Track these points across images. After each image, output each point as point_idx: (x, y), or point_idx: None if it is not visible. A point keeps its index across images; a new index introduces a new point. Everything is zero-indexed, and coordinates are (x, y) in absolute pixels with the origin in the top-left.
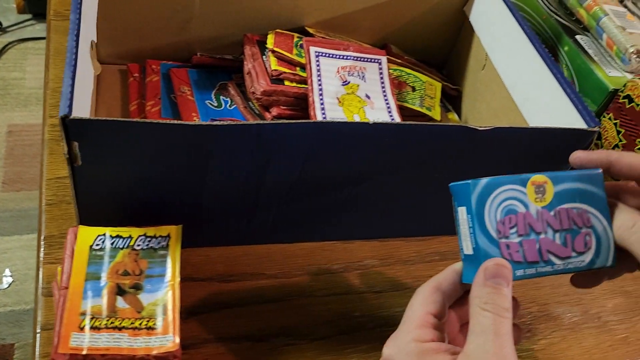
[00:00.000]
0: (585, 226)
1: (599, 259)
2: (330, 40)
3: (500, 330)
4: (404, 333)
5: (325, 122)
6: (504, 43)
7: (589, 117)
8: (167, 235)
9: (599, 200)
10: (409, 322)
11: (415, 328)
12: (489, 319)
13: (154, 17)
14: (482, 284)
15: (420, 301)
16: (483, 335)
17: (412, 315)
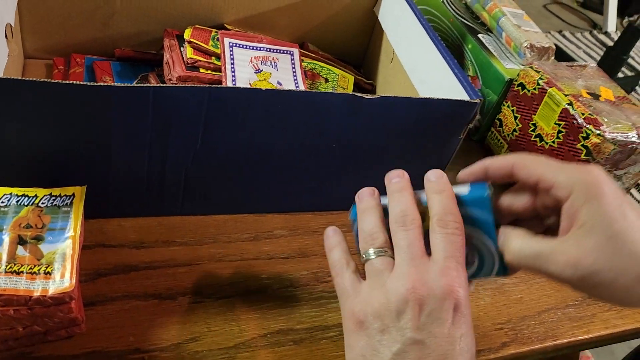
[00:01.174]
0: (467, 245)
1: (483, 271)
2: (244, 33)
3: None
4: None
5: (217, 87)
6: (406, 36)
7: (472, 93)
8: (72, 194)
9: (484, 223)
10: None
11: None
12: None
13: (77, 11)
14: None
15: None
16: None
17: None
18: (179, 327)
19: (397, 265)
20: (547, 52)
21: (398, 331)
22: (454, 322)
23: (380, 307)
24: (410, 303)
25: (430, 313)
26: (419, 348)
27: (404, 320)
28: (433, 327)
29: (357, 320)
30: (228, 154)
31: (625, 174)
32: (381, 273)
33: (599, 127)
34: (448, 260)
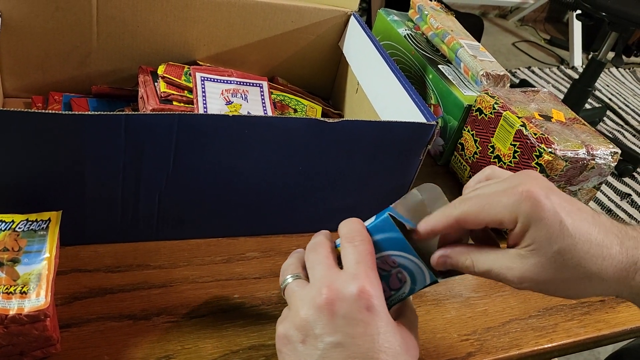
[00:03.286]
0: (392, 267)
1: (417, 284)
2: (215, 68)
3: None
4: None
5: (187, 114)
6: (369, 68)
7: (429, 116)
8: (48, 219)
9: (396, 241)
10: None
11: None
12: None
13: (55, 52)
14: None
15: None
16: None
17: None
18: (153, 345)
19: (310, 280)
20: (502, 79)
21: (316, 339)
22: (370, 322)
23: (298, 319)
24: (324, 309)
25: (344, 316)
26: (339, 351)
27: (320, 327)
28: (349, 329)
29: (283, 338)
30: (199, 178)
31: (579, 190)
32: (297, 290)
33: (551, 146)
34: (358, 265)
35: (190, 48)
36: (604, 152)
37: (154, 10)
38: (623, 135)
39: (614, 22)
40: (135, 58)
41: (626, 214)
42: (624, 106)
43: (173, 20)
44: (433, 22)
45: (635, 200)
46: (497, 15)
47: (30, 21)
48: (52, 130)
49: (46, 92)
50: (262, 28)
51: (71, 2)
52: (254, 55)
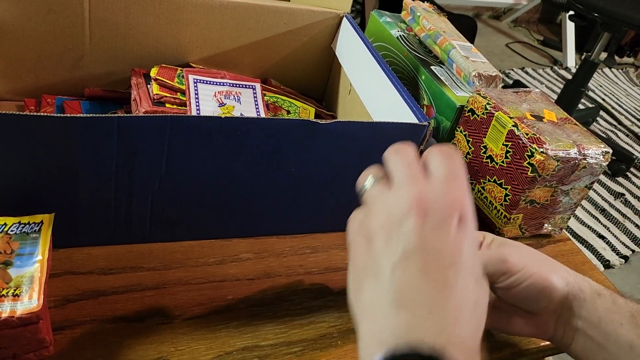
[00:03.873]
0: None
1: None
2: (208, 70)
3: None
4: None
5: (180, 116)
6: (361, 69)
7: (421, 117)
8: (40, 221)
9: None
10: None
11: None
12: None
13: (47, 55)
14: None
15: None
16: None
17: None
18: (146, 347)
19: (396, 183)
20: (494, 80)
21: (400, 239)
22: (459, 233)
23: (383, 219)
24: (414, 212)
25: (434, 222)
26: (422, 256)
27: (407, 228)
28: (437, 235)
29: (361, 236)
30: (192, 180)
31: (572, 189)
32: (380, 193)
33: (542, 146)
34: (451, 175)
35: (183, 50)
36: (596, 152)
37: (146, 13)
38: (616, 135)
39: (607, 23)
40: (127, 60)
41: (620, 214)
42: (617, 106)
43: (165, 23)
44: (425, 23)
45: (629, 199)
46: (491, 16)
47: (22, 24)
48: (44, 133)
49: (39, 94)
50: (255, 30)
51: (63, 5)
52: (247, 57)
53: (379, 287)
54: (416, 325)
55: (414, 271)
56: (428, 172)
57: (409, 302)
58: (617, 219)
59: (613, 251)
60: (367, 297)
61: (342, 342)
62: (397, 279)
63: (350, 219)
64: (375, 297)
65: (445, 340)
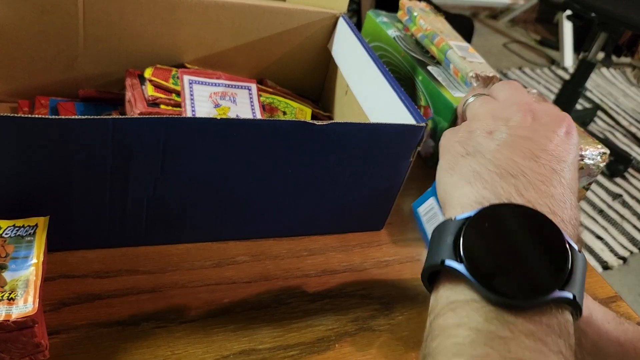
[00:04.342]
0: None
1: None
2: (203, 70)
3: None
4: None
5: (175, 118)
6: (358, 70)
7: (418, 118)
8: (35, 224)
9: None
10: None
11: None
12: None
13: (40, 55)
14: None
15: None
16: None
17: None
18: (142, 351)
19: (504, 97)
20: (491, 80)
21: (506, 130)
22: (566, 139)
23: (488, 119)
24: (523, 111)
25: (542, 124)
26: (528, 143)
27: (514, 122)
28: (544, 132)
29: (462, 136)
30: (188, 182)
31: None
32: (486, 103)
33: None
34: (558, 109)
35: (178, 51)
36: (593, 153)
37: (141, 13)
38: (614, 136)
39: (604, 23)
40: (122, 61)
41: (618, 215)
42: (615, 106)
43: (160, 23)
44: (422, 23)
45: (627, 200)
46: (488, 16)
47: (15, 25)
48: (39, 135)
49: (32, 96)
50: (251, 30)
51: (57, 6)
52: (243, 57)
53: (481, 159)
54: (521, 193)
55: (520, 153)
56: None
57: (514, 174)
58: (615, 220)
59: (611, 252)
60: (466, 169)
61: (340, 346)
62: (502, 155)
63: (444, 134)
64: (476, 167)
65: (549, 210)
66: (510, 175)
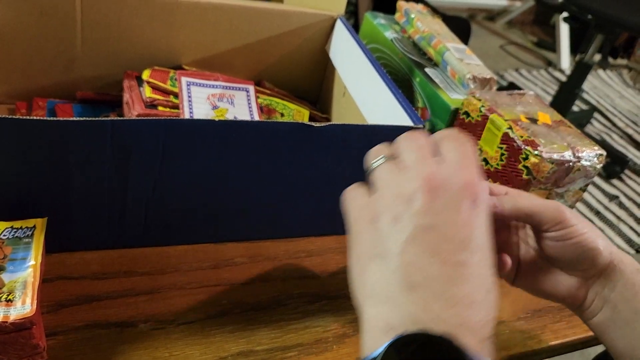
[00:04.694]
0: None
1: None
2: (201, 72)
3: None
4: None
5: (174, 119)
6: (355, 72)
7: (415, 119)
8: (33, 226)
9: None
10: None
11: None
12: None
13: (38, 57)
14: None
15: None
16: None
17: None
18: (140, 352)
19: (407, 164)
20: (488, 82)
21: (409, 218)
22: (472, 214)
23: (390, 198)
24: (424, 190)
25: (445, 201)
26: (432, 235)
27: (416, 206)
28: (448, 214)
29: (369, 216)
30: (186, 184)
31: (566, 192)
32: (389, 172)
33: (537, 148)
34: (465, 160)
35: (175, 53)
36: (590, 154)
37: (139, 15)
38: (610, 137)
39: (600, 25)
40: (120, 63)
41: (614, 216)
42: (611, 108)
43: (158, 25)
44: (420, 25)
45: (623, 202)
46: (485, 17)
47: (14, 26)
48: (38, 137)
49: (30, 97)
50: (248, 32)
51: (55, 8)
52: (240, 59)
53: (386, 269)
54: (426, 308)
55: (424, 251)
56: (440, 155)
57: (419, 284)
58: (612, 221)
59: None
60: (373, 279)
61: (338, 347)
62: (406, 260)
63: (349, 195)
64: (382, 279)
65: (456, 323)
66: (417, 286)
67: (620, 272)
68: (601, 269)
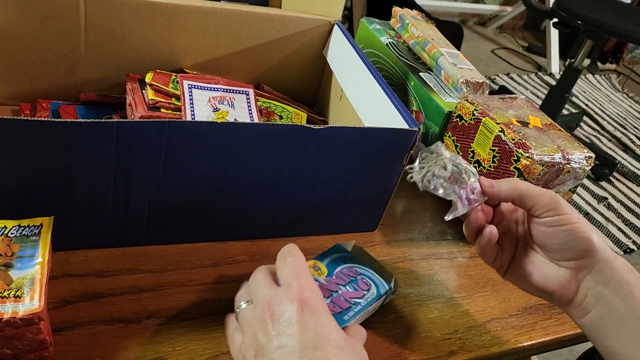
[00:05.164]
0: (356, 274)
1: (380, 288)
2: (202, 76)
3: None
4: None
5: (177, 121)
6: (352, 76)
7: (411, 122)
8: (40, 224)
9: (351, 258)
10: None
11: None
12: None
13: (42, 60)
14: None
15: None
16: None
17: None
18: (144, 348)
19: (255, 303)
20: (481, 86)
21: (264, 348)
22: (308, 319)
23: (248, 338)
24: (266, 320)
25: (284, 320)
26: (287, 351)
27: (265, 336)
28: (290, 329)
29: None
30: (189, 184)
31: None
32: (245, 314)
33: (528, 150)
34: (291, 274)
35: (177, 56)
36: (579, 157)
37: (141, 19)
38: (599, 140)
39: (589, 30)
40: (122, 66)
41: (603, 217)
42: (600, 112)
43: (160, 29)
44: (414, 30)
45: (612, 203)
46: (477, 23)
47: (18, 29)
48: (44, 138)
49: (34, 99)
50: (248, 37)
51: (59, 11)
52: (240, 63)
53: None
54: None
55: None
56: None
57: None
58: (601, 223)
59: None
60: None
61: None
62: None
63: (229, 340)
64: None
65: None
66: None
67: (613, 269)
68: (594, 262)
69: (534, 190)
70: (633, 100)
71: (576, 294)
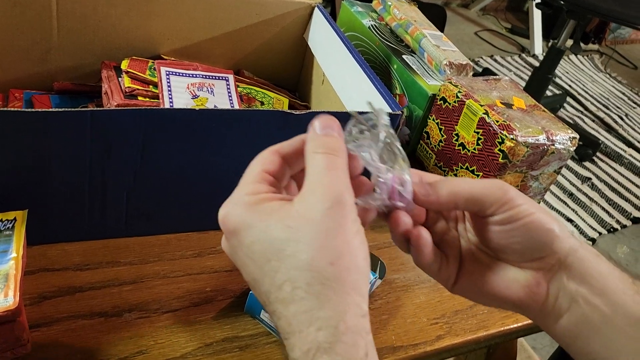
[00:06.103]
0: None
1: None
2: (180, 62)
3: (333, 164)
4: (238, 189)
5: (154, 109)
6: (334, 59)
7: (394, 106)
8: (14, 218)
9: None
10: (244, 180)
11: (249, 183)
12: (321, 159)
13: (13, 48)
14: (314, 135)
15: (257, 161)
16: (317, 173)
17: (248, 173)
18: (125, 342)
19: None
20: (464, 68)
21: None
22: (232, 244)
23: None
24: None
25: (231, 241)
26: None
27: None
28: (231, 247)
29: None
30: (167, 172)
31: (540, 174)
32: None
33: (512, 132)
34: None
35: (153, 42)
36: (563, 138)
37: (115, 5)
38: (583, 121)
39: (572, 11)
40: (97, 53)
41: (587, 197)
42: (583, 92)
43: (135, 15)
44: (396, 12)
45: (595, 183)
46: (459, 5)
47: None
48: (15, 129)
49: (6, 89)
50: (227, 21)
51: None
52: (219, 48)
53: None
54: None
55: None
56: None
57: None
58: (585, 203)
59: (581, 234)
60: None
61: None
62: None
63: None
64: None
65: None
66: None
67: (581, 260)
68: (561, 258)
69: (478, 187)
70: (615, 80)
71: (546, 297)
